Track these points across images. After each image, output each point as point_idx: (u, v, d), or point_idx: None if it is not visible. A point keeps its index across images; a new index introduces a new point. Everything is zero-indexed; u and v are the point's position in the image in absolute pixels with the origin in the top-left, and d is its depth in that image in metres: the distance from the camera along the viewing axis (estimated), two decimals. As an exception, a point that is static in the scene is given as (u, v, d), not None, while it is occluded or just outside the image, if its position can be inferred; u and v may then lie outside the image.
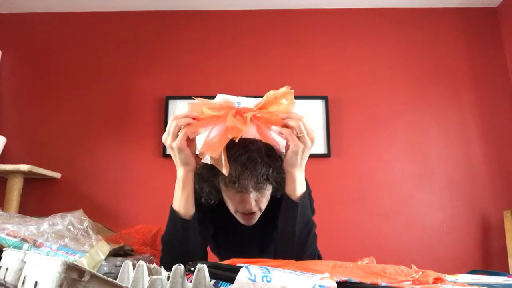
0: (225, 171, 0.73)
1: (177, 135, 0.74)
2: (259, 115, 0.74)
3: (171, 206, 0.80)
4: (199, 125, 0.74)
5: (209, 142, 0.74)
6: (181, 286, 0.41)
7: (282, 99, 0.75)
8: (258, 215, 0.86)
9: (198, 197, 0.83)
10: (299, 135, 0.73)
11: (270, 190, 0.85)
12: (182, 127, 0.74)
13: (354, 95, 2.33)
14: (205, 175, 0.82)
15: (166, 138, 0.76)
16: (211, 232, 0.93)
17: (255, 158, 0.76)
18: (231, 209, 0.86)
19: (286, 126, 0.74)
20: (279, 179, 0.82)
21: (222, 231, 0.96)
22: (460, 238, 2.12)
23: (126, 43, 2.43)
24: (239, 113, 0.73)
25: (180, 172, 0.79)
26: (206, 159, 0.76)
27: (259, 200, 0.83)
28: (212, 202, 0.85)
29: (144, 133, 2.25)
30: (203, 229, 0.84)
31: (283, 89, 0.75)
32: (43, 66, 2.40)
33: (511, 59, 2.33)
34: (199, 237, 0.81)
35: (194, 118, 0.74)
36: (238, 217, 0.87)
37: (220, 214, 0.91)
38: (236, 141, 0.71)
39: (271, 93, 0.75)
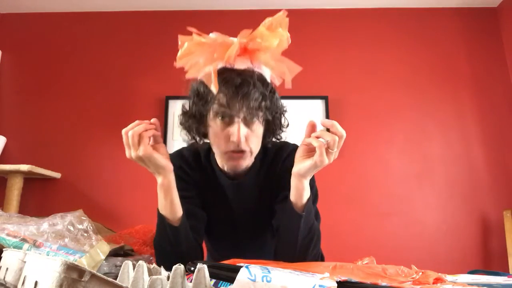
0: (213, 88, 0.70)
1: (139, 144, 0.69)
2: (252, 46, 0.73)
3: (158, 209, 0.76)
4: (187, 55, 0.72)
5: (193, 63, 0.72)
6: (181, 286, 0.41)
7: (278, 27, 0.73)
8: (248, 157, 0.79)
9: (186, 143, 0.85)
10: (330, 150, 0.68)
11: (262, 130, 0.80)
12: (141, 134, 0.70)
13: (354, 95, 2.33)
14: (193, 108, 0.78)
15: (130, 153, 0.70)
16: (204, 218, 0.87)
17: (248, 82, 0.71)
18: (219, 150, 0.79)
19: (318, 136, 0.69)
20: (272, 116, 0.78)
21: (212, 213, 0.90)
22: (460, 238, 2.12)
23: (126, 43, 2.43)
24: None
25: (159, 179, 0.73)
26: (194, 74, 0.74)
27: (249, 138, 0.76)
28: (198, 139, 0.82)
29: (144, 133, 2.25)
30: (195, 222, 0.81)
31: (280, 14, 0.73)
32: (43, 66, 2.40)
33: (511, 59, 2.33)
34: (190, 237, 0.78)
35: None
36: (227, 160, 0.79)
37: (209, 195, 0.88)
38: (225, 64, 0.71)
39: (267, 20, 0.73)
